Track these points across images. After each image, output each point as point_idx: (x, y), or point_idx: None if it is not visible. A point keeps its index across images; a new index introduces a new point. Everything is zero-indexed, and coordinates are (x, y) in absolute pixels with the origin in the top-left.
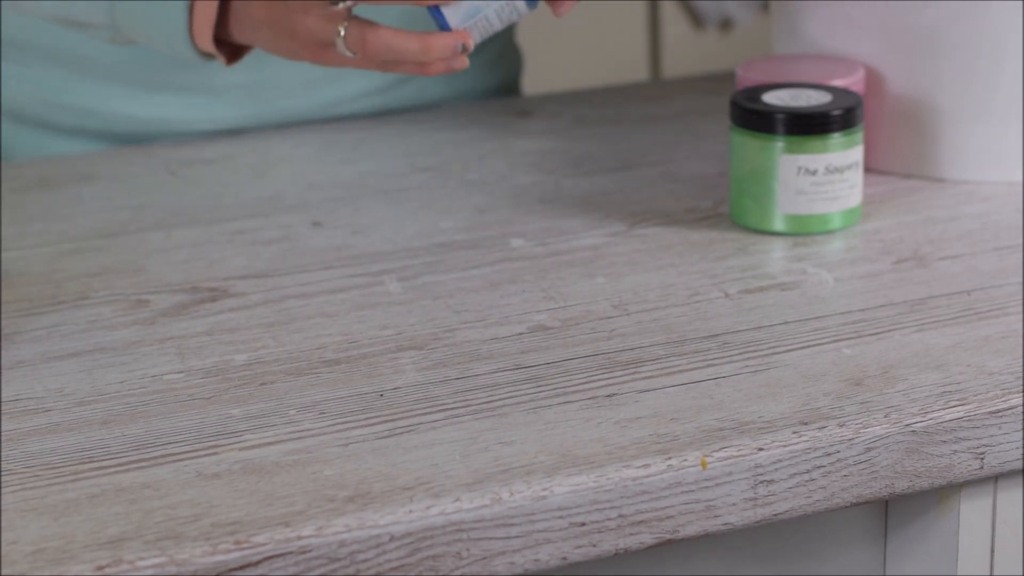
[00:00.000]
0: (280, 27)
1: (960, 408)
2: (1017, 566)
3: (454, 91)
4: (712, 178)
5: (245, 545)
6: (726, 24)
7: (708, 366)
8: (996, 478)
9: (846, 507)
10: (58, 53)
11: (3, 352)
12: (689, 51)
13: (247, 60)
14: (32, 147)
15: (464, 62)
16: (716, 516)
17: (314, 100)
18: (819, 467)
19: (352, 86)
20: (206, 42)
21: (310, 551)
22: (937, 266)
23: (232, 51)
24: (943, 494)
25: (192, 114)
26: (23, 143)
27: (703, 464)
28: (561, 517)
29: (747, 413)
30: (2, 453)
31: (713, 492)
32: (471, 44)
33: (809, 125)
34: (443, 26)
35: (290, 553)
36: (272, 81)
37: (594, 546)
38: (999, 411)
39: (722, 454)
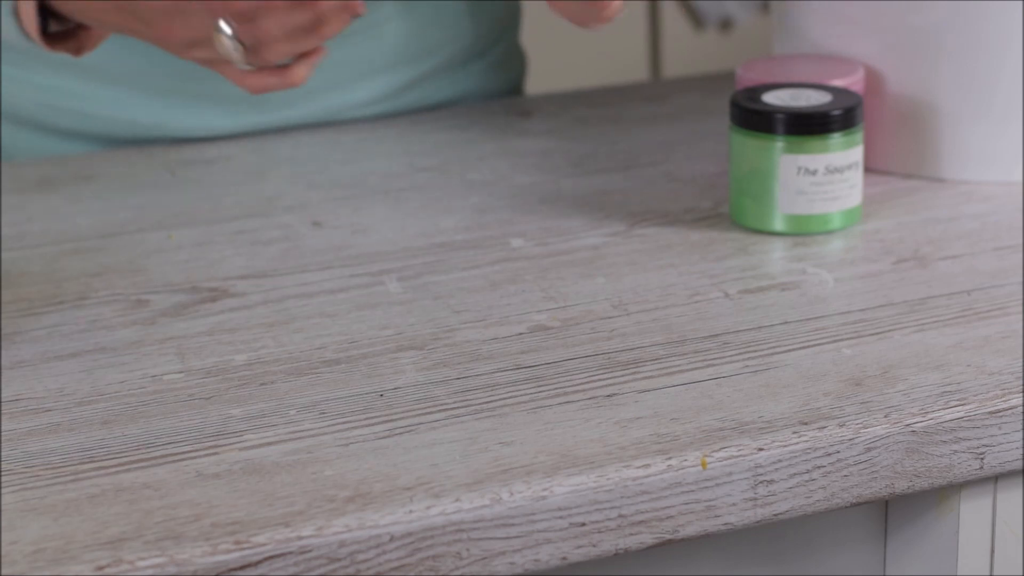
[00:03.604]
0: (138, 30)
1: (960, 408)
2: (1017, 566)
3: (459, 95)
4: (712, 178)
5: (245, 545)
6: (726, 24)
7: (708, 366)
8: (996, 478)
9: (846, 507)
10: (59, 58)
11: (3, 352)
12: (689, 51)
13: None
14: (31, 149)
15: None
16: (716, 516)
17: (317, 108)
18: (819, 467)
19: (356, 94)
20: (33, 32)
21: (310, 551)
22: (937, 266)
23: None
24: (943, 494)
25: (194, 121)
26: (22, 145)
27: (703, 464)
28: (561, 517)
29: (747, 413)
30: (2, 453)
31: (713, 492)
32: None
33: (809, 125)
34: None
35: (290, 553)
36: (277, 92)
37: (594, 546)
38: (999, 411)
39: (722, 454)
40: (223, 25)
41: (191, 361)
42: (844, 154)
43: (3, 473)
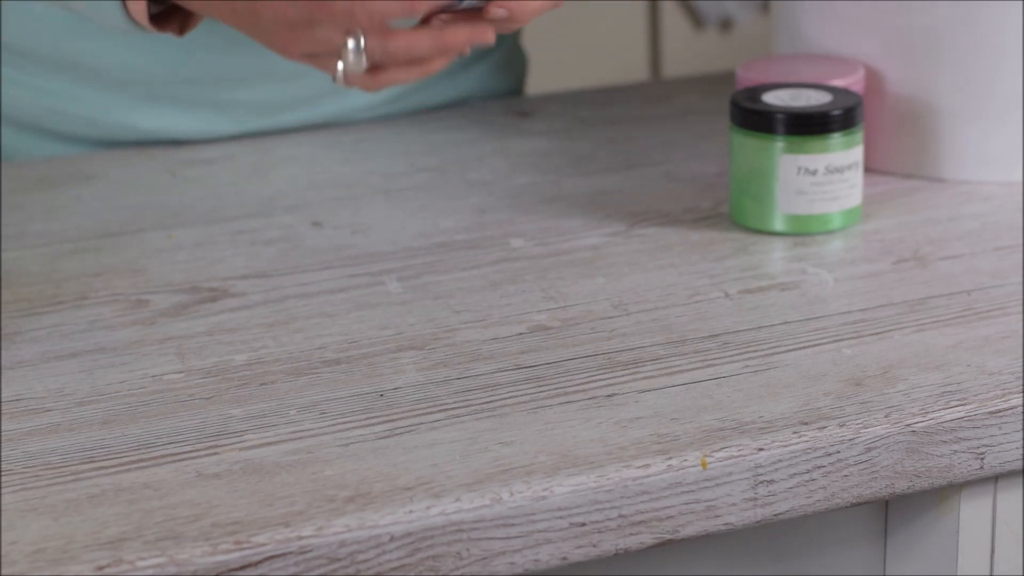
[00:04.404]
0: (251, 33)
1: (960, 408)
2: (1017, 566)
3: (460, 97)
4: (712, 178)
5: (245, 545)
6: (726, 24)
7: (708, 366)
8: (996, 478)
9: (846, 507)
10: (62, 62)
11: (3, 352)
12: (689, 51)
13: (254, 80)
14: (33, 153)
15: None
16: (716, 516)
17: (319, 113)
18: (819, 467)
19: (358, 99)
20: (140, 15)
21: (310, 551)
22: (937, 266)
23: (185, 15)
24: (943, 494)
25: (195, 127)
26: (24, 149)
27: (703, 464)
28: (561, 517)
29: (747, 413)
30: (2, 453)
31: (713, 492)
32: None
33: (809, 125)
34: None
35: (290, 553)
36: (279, 99)
37: (594, 546)
38: (999, 411)
39: (722, 454)
40: (352, 42)
41: (191, 361)
42: (844, 154)
43: (3, 473)
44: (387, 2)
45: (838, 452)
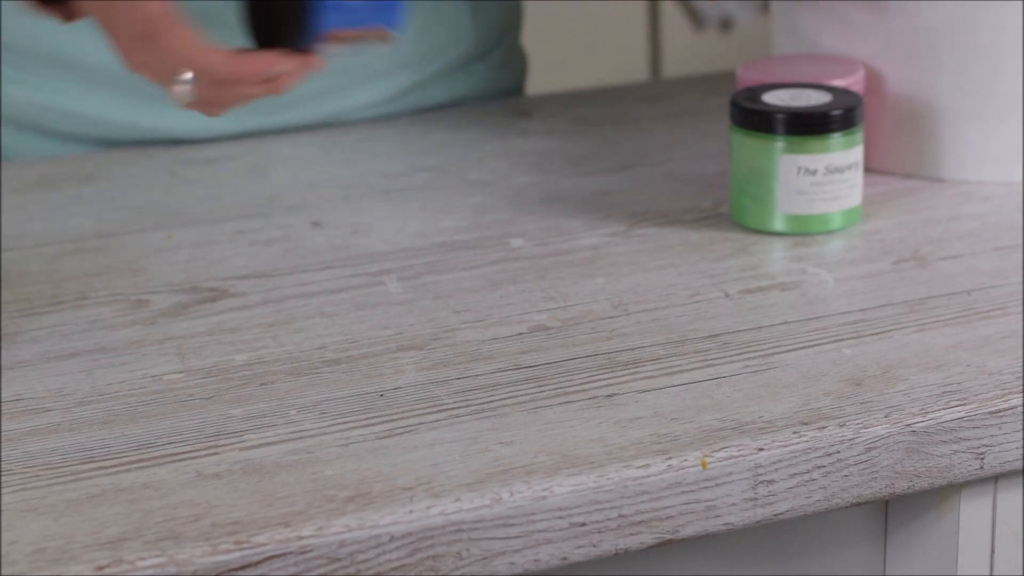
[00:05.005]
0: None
1: (960, 408)
2: (1017, 566)
3: (460, 98)
4: (712, 178)
5: (245, 545)
6: (726, 24)
7: (708, 366)
8: (996, 478)
9: (846, 507)
10: (60, 60)
11: (3, 352)
12: (689, 51)
13: None
14: (32, 152)
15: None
16: (716, 516)
17: (318, 112)
18: (819, 467)
19: (357, 99)
20: None
21: (310, 551)
22: (937, 266)
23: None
24: (943, 494)
25: (194, 125)
26: (23, 148)
27: (703, 464)
28: (561, 517)
29: (747, 413)
30: (2, 453)
31: (713, 492)
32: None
33: (809, 125)
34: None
35: (290, 553)
36: (278, 97)
37: (594, 546)
38: (999, 411)
39: (722, 454)
40: (182, 76)
41: (191, 361)
42: (844, 154)
43: (3, 473)
44: (223, 62)
45: (838, 452)
